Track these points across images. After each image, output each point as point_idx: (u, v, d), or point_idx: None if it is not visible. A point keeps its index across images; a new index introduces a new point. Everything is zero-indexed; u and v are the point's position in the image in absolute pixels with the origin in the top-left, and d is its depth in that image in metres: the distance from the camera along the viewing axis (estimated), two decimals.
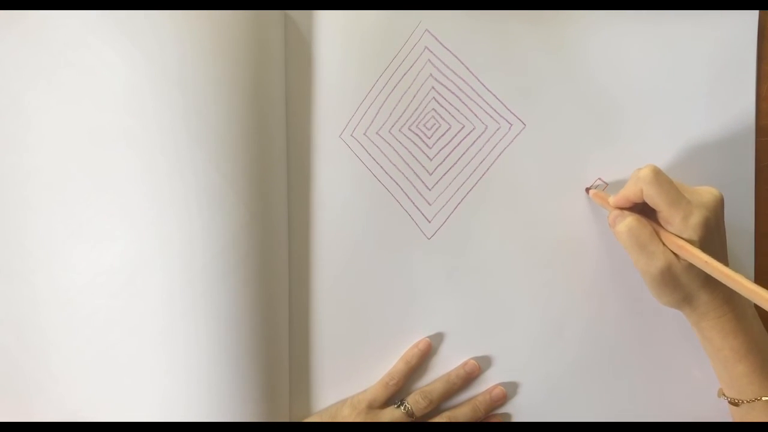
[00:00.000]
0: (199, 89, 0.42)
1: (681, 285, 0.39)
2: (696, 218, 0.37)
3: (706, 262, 0.36)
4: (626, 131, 0.46)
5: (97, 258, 0.44)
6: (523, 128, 0.46)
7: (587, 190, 0.46)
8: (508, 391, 0.46)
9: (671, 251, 0.38)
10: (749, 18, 0.45)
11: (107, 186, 0.44)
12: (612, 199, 0.41)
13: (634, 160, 0.46)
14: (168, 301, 0.43)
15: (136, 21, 0.43)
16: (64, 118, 0.44)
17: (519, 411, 0.47)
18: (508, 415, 0.47)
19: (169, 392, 0.43)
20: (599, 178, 0.46)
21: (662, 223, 0.39)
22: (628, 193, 0.40)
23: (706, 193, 0.39)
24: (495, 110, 0.46)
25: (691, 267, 0.38)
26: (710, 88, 0.46)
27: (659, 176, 0.38)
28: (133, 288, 0.43)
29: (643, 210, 0.40)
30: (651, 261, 0.38)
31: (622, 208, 0.41)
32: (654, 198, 0.38)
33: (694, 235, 0.37)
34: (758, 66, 0.45)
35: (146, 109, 0.43)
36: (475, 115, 0.46)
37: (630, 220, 0.39)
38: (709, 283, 0.39)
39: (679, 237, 0.38)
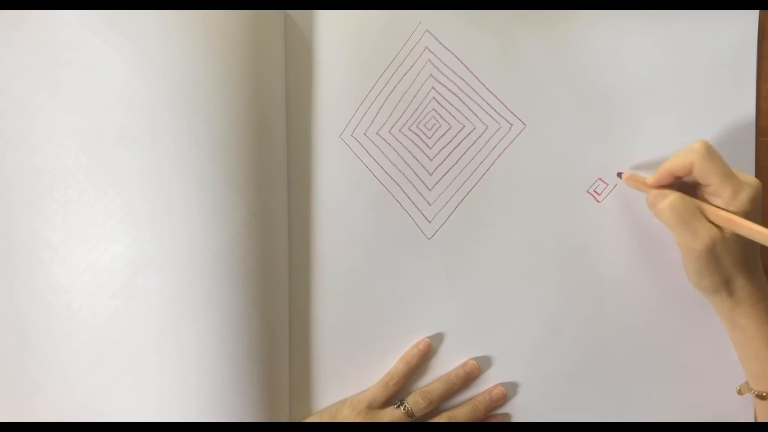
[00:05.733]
0: (199, 89, 0.42)
1: (721, 267, 0.39)
2: (746, 194, 0.38)
3: (759, 231, 0.36)
4: (626, 131, 0.46)
5: (97, 258, 0.44)
6: (524, 128, 0.46)
7: (619, 174, 0.45)
8: (508, 391, 0.46)
9: (716, 228, 0.38)
10: (749, 18, 0.45)
11: (107, 186, 0.44)
12: (652, 177, 0.41)
13: (634, 160, 0.46)
14: (168, 301, 0.43)
15: (136, 21, 0.43)
16: (64, 118, 0.44)
17: (519, 411, 0.47)
18: (508, 415, 0.47)
19: (169, 392, 0.43)
20: (599, 179, 0.46)
21: (708, 197, 0.39)
22: (674, 166, 0.39)
23: (750, 177, 0.39)
24: (495, 110, 0.46)
25: (732, 247, 0.38)
26: (710, 88, 0.46)
27: (712, 150, 0.38)
28: (133, 288, 0.43)
29: (681, 189, 0.40)
30: (695, 238, 0.38)
31: (661, 187, 0.41)
32: (707, 170, 0.38)
33: (741, 208, 0.38)
34: (758, 66, 0.45)
35: (146, 109, 0.43)
36: (476, 115, 0.46)
37: (674, 197, 0.39)
38: (748, 266, 0.39)
39: (726, 210, 0.38)
